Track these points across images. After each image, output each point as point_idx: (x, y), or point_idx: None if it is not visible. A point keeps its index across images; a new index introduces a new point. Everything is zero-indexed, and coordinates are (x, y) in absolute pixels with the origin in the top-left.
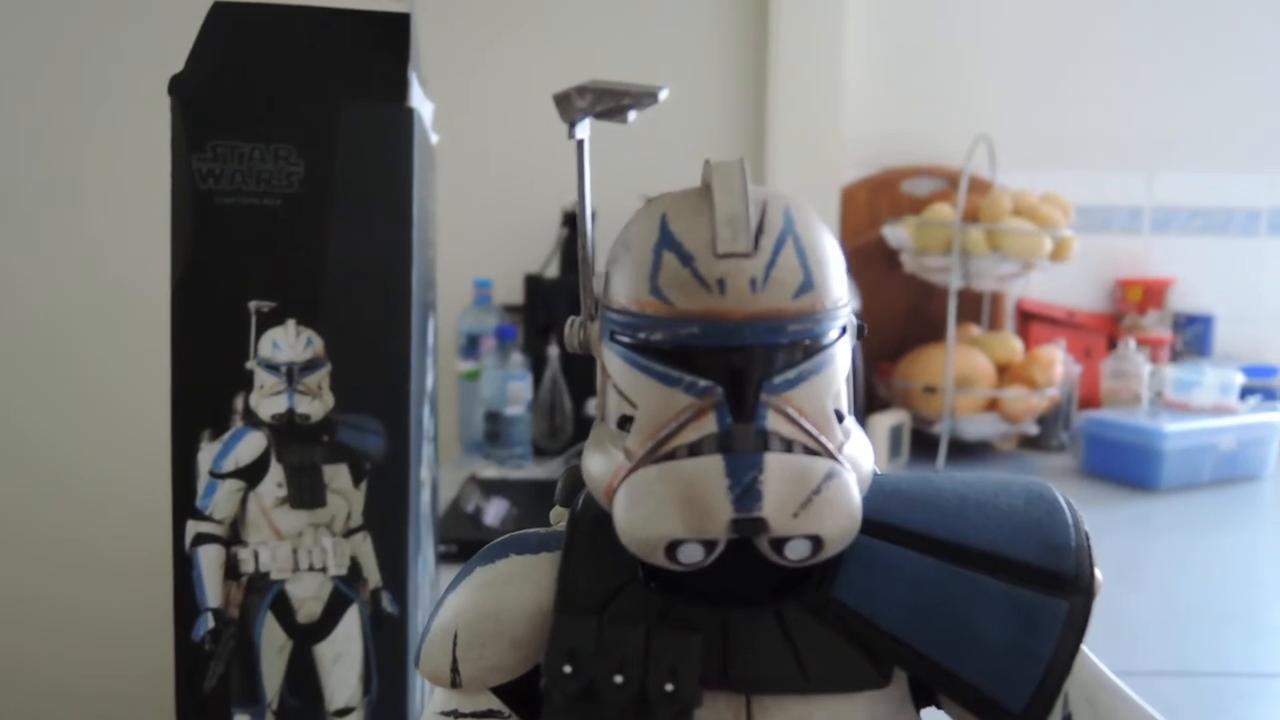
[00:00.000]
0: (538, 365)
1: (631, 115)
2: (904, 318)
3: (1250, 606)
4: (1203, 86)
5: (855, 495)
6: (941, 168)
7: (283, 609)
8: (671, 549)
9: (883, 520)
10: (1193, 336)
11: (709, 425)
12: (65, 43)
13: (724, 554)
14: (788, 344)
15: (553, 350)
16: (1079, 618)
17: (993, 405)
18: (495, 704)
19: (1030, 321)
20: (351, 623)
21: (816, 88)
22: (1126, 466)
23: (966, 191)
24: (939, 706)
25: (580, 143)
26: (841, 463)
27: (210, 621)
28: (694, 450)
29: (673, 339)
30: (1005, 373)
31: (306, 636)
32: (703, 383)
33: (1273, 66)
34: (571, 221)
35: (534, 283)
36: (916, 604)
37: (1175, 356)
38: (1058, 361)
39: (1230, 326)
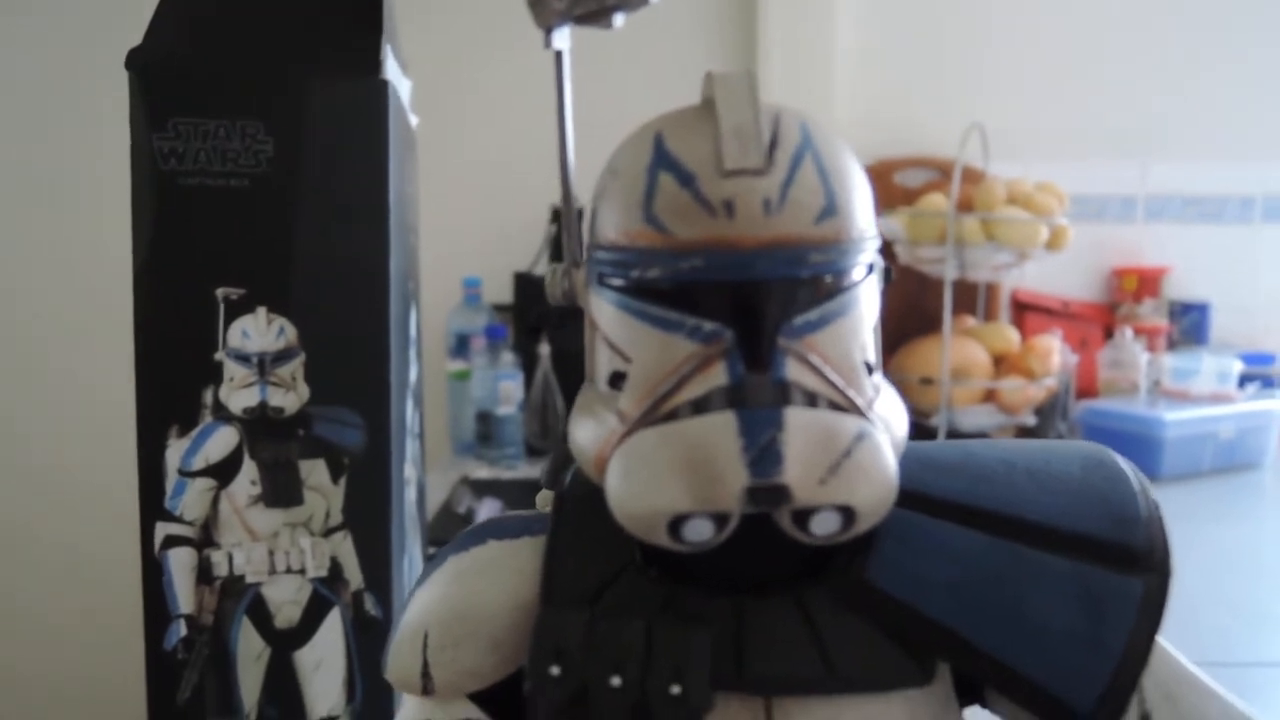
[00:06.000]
0: (529, 364)
1: (618, 19)
2: (898, 309)
3: (1255, 596)
4: (1195, 74)
5: (891, 459)
6: (934, 158)
7: (259, 614)
8: (675, 526)
9: (921, 491)
10: (1189, 325)
11: (717, 377)
12: (12, 14)
13: (737, 531)
14: (809, 278)
15: (544, 349)
16: (1155, 600)
17: (990, 396)
18: (474, 713)
19: (1025, 312)
20: (333, 627)
21: (806, 80)
22: (1126, 456)
23: (960, 182)
24: (985, 705)
25: (559, 54)
26: (873, 421)
27: (182, 629)
28: (699, 407)
29: (672, 275)
30: (1002, 364)
31: (285, 643)
32: (708, 326)
33: (1265, 53)
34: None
35: (524, 281)
36: (965, 587)
37: (1172, 345)
38: (1054, 351)
39: (1226, 314)
